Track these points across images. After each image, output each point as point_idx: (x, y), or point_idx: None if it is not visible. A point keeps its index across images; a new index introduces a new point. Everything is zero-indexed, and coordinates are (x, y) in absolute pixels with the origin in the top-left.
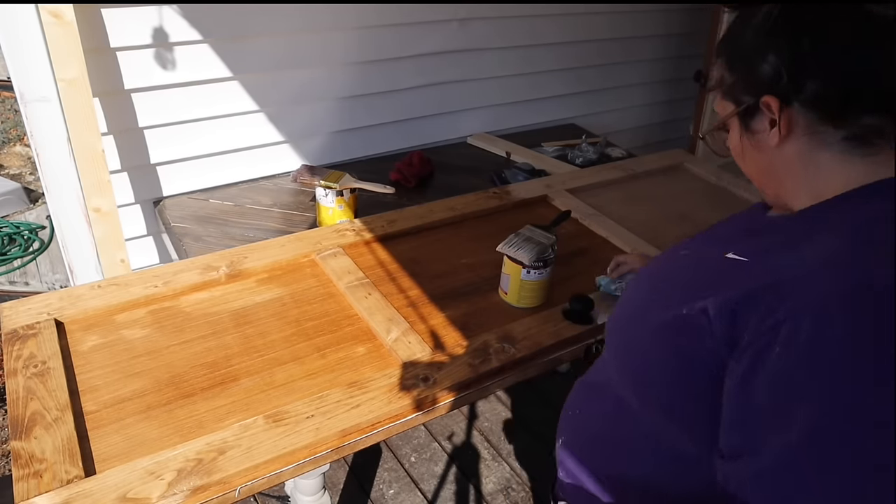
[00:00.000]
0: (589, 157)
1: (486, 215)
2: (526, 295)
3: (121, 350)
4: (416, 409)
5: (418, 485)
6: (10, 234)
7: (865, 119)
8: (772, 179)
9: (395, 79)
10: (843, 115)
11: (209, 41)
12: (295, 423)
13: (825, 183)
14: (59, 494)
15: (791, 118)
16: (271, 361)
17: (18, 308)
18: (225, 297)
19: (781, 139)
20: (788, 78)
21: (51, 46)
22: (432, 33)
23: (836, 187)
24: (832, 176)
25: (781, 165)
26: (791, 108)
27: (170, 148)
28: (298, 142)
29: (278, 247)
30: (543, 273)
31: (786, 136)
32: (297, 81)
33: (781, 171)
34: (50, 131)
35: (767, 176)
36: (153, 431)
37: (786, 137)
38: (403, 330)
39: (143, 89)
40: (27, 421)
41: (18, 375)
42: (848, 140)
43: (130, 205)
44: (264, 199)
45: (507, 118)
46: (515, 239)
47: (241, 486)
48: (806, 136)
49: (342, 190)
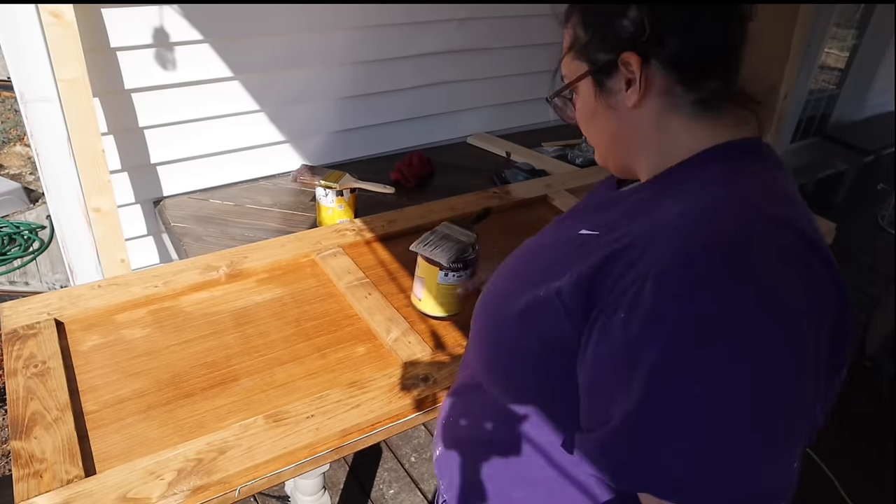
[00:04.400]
0: (589, 157)
1: None
2: (444, 301)
3: (121, 350)
4: (416, 409)
5: (418, 485)
6: (10, 234)
7: (713, 82)
8: (620, 144)
9: (396, 78)
10: (697, 76)
11: (209, 41)
12: (295, 423)
13: (673, 147)
14: (59, 494)
15: (649, 77)
16: (271, 361)
17: (18, 308)
18: (225, 297)
19: (639, 99)
20: (650, 33)
21: (51, 46)
22: (432, 33)
23: (683, 152)
24: (680, 140)
25: (633, 128)
26: (650, 67)
27: (170, 148)
28: (298, 142)
29: (278, 247)
30: (463, 276)
31: (642, 96)
32: (297, 81)
33: (632, 134)
34: (50, 131)
35: (616, 140)
36: (153, 431)
37: (642, 98)
38: (403, 330)
39: (143, 89)
40: (27, 421)
41: (18, 375)
42: (697, 104)
43: (130, 205)
44: (264, 199)
45: (507, 118)
46: (431, 237)
47: (241, 486)
48: (661, 97)
49: (342, 190)
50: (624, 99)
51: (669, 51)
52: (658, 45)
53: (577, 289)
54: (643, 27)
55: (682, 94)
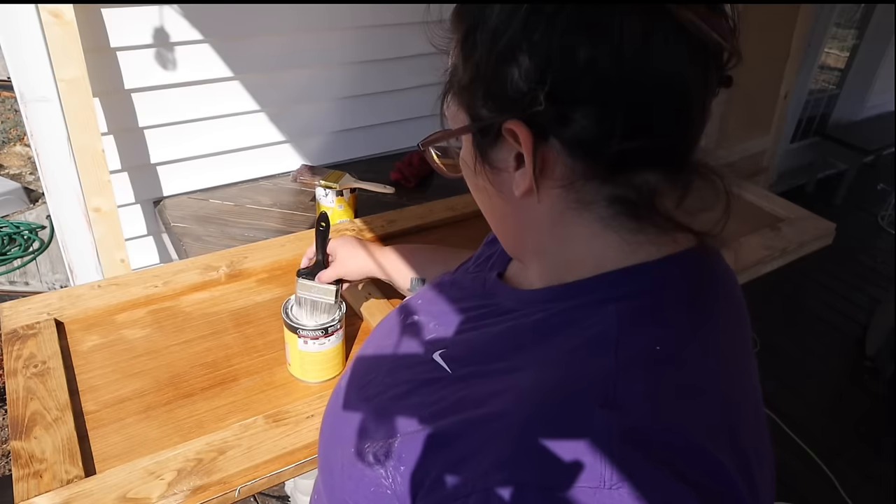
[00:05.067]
0: None
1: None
2: (310, 369)
3: (121, 350)
4: None
5: None
6: (10, 234)
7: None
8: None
9: (396, 78)
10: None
11: (209, 41)
12: (295, 423)
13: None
14: (59, 494)
15: (545, 159)
16: (271, 361)
17: (18, 308)
18: (225, 297)
19: (528, 189)
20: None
21: (51, 46)
22: (432, 33)
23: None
24: (582, 250)
25: (523, 220)
26: (547, 146)
27: (170, 148)
28: (298, 142)
29: (278, 247)
30: (326, 343)
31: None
32: (298, 81)
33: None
34: (50, 131)
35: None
36: (153, 431)
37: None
38: None
39: (143, 89)
40: (27, 421)
41: (18, 375)
42: (614, 203)
43: (130, 205)
44: (264, 199)
45: None
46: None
47: (241, 486)
48: (560, 188)
49: (342, 190)
50: (511, 180)
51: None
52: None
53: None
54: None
55: (593, 188)
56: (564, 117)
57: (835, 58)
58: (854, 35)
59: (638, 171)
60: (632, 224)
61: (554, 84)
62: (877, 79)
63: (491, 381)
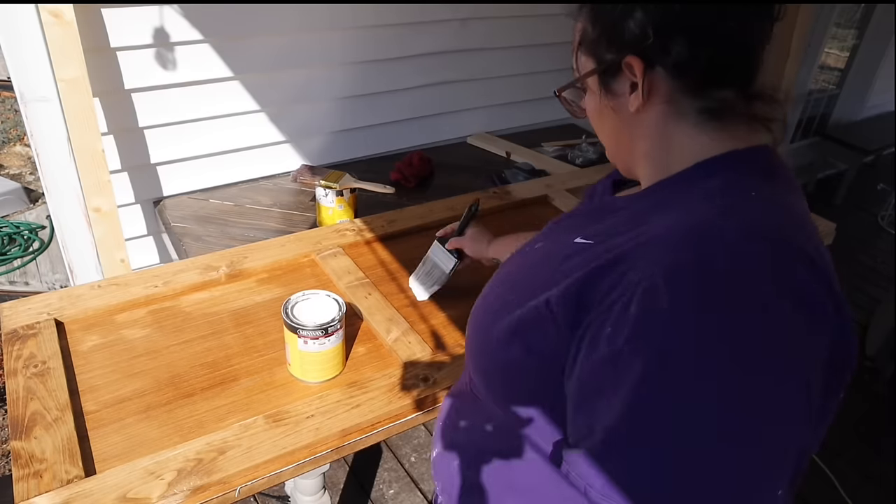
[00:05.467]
0: (589, 157)
1: (486, 215)
2: (310, 368)
3: (121, 350)
4: (416, 409)
5: (418, 485)
6: (10, 234)
7: (722, 92)
8: (624, 146)
9: (396, 78)
10: (703, 85)
11: (209, 41)
12: (295, 423)
13: (675, 155)
14: (59, 494)
15: (653, 83)
16: (271, 361)
17: (18, 308)
18: (225, 297)
19: (641, 105)
20: (655, 38)
21: (51, 46)
22: (433, 33)
23: (685, 161)
24: (683, 149)
25: (636, 132)
26: (654, 73)
27: (170, 148)
28: (298, 142)
29: (278, 247)
30: (326, 343)
31: (645, 102)
32: (298, 81)
33: (634, 138)
34: (50, 131)
35: (621, 142)
36: (153, 431)
37: (645, 104)
38: (403, 330)
39: (143, 89)
40: (27, 421)
41: (18, 375)
42: (702, 112)
43: (130, 205)
44: (264, 199)
45: (507, 118)
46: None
47: (241, 486)
48: (664, 104)
49: (342, 190)
50: (627, 102)
51: (675, 58)
52: (662, 52)
53: (566, 300)
54: (647, 32)
55: (687, 101)
56: (666, 48)
57: (835, 58)
58: (854, 35)
59: (720, 88)
60: (717, 125)
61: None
62: (877, 79)
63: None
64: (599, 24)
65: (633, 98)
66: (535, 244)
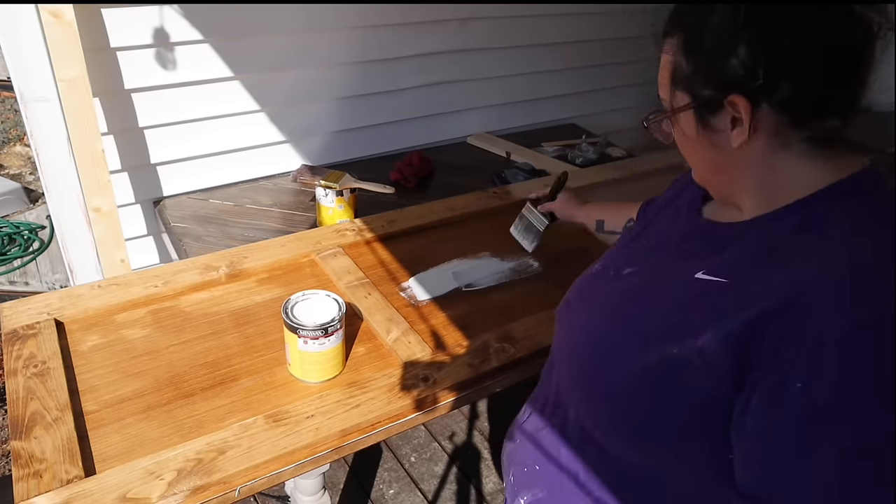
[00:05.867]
0: (589, 157)
1: (486, 215)
2: (310, 368)
3: (121, 350)
4: (416, 409)
5: (418, 485)
6: (10, 234)
7: (829, 121)
8: (723, 176)
9: (396, 78)
10: (811, 118)
11: (209, 41)
12: (295, 423)
13: (784, 184)
14: (59, 494)
15: (758, 119)
16: (271, 361)
17: (18, 308)
18: (225, 297)
19: (744, 141)
20: (763, 77)
21: (51, 46)
22: (432, 33)
23: (796, 190)
24: (791, 177)
25: (738, 164)
26: (760, 110)
27: (170, 148)
28: (298, 142)
29: (278, 247)
30: (325, 343)
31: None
32: (297, 81)
33: (736, 170)
34: (50, 131)
35: (719, 173)
36: (153, 431)
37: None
38: (403, 330)
39: (143, 89)
40: (27, 421)
41: (18, 375)
42: (809, 141)
43: (130, 205)
44: (264, 199)
45: (507, 118)
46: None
47: (241, 486)
48: (769, 137)
49: (342, 190)
50: (728, 137)
51: (783, 95)
52: (770, 91)
53: (725, 349)
54: (755, 72)
55: (793, 133)
56: (773, 87)
57: None
58: None
59: (825, 118)
60: (825, 153)
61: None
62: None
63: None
64: (696, 58)
65: (735, 134)
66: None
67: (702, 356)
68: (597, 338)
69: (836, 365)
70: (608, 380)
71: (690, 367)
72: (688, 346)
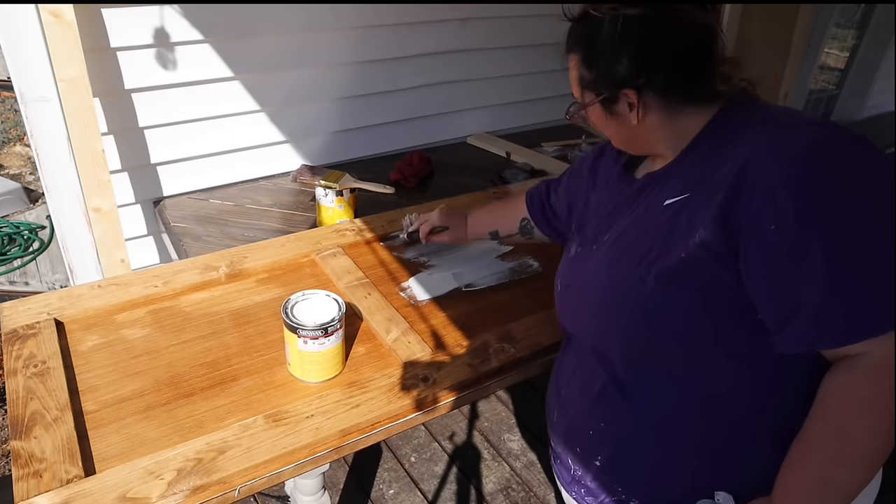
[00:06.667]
0: None
1: None
2: (310, 368)
3: (121, 350)
4: (416, 408)
5: (418, 485)
6: (10, 234)
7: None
8: (637, 142)
9: (396, 79)
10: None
11: (210, 41)
12: (295, 422)
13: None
14: (58, 494)
15: (647, 101)
16: (271, 361)
17: (18, 308)
18: (225, 297)
19: (641, 117)
20: (643, 76)
21: (51, 46)
22: (432, 33)
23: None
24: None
25: (644, 132)
26: (646, 95)
27: (170, 148)
28: (298, 142)
29: (278, 247)
30: (325, 343)
31: (644, 114)
32: (298, 81)
33: (645, 135)
34: (50, 131)
35: (632, 140)
36: (153, 431)
37: (644, 114)
38: (403, 330)
39: (143, 89)
40: (27, 421)
41: (18, 375)
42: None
43: (130, 205)
44: (264, 199)
45: (507, 118)
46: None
47: (241, 485)
48: (658, 111)
49: (342, 190)
50: (629, 118)
51: (659, 84)
52: (650, 83)
53: (716, 232)
54: (638, 73)
55: (678, 102)
56: (651, 80)
57: (835, 58)
58: (854, 35)
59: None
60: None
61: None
62: (877, 79)
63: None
64: (594, 69)
65: (632, 115)
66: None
67: (703, 247)
68: (606, 280)
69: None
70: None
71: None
72: (690, 245)
